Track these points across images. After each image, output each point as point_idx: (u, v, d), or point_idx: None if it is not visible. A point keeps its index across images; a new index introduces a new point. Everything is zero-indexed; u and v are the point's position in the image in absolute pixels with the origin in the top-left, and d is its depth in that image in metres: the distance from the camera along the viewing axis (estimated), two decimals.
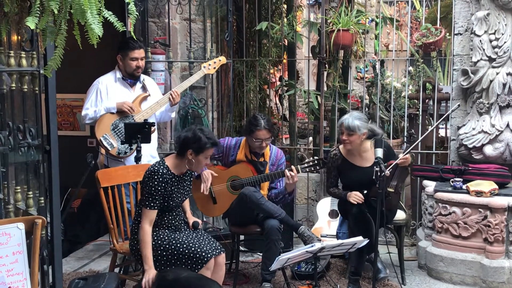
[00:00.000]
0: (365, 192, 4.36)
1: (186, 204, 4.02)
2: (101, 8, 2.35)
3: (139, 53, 4.68)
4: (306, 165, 4.56)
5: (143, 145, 4.36)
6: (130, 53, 4.64)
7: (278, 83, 6.79)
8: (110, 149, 4.53)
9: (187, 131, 3.72)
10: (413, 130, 5.46)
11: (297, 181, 4.54)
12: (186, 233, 3.79)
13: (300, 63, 8.43)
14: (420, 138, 4.81)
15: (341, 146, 4.64)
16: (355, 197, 4.40)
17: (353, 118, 4.40)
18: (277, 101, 6.90)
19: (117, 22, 2.37)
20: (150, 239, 3.59)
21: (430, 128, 5.66)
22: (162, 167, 3.62)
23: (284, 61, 6.61)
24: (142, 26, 5.49)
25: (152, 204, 3.58)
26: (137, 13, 2.47)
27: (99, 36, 2.34)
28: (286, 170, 4.42)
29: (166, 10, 5.57)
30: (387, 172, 4.00)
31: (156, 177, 3.58)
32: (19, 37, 3.19)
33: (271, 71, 6.62)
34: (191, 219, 3.96)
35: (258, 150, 4.56)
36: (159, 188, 3.58)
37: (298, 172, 4.44)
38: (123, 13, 4.74)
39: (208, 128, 3.80)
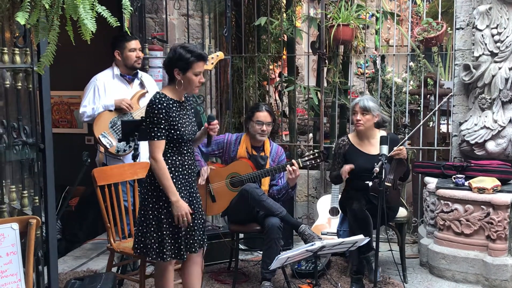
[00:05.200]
0: (368, 183, 4.26)
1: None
2: (94, 3, 2.29)
3: (136, 43, 4.69)
4: (307, 158, 4.50)
5: (143, 143, 4.18)
6: (127, 44, 4.62)
7: (278, 79, 6.73)
8: (109, 147, 4.47)
9: (169, 51, 3.45)
10: (408, 122, 5.47)
11: (299, 175, 4.49)
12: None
13: (299, 58, 8.38)
14: (414, 129, 4.88)
15: (350, 135, 4.66)
16: (345, 169, 4.38)
17: (367, 99, 4.49)
18: (277, 98, 6.84)
19: (110, 17, 2.32)
20: (166, 168, 3.32)
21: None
22: (159, 95, 3.36)
23: (284, 57, 6.55)
24: (140, 22, 5.44)
25: (158, 134, 3.30)
26: (131, 8, 2.42)
27: (92, 32, 2.28)
28: (288, 165, 4.37)
29: (164, 6, 5.53)
30: (376, 168, 3.98)
31: (154, 105, 3.30)
32: (12, 33, 3.13)
33: (271, 67, 6.56)
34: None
35: (258, 136, 4.51)
36: (161, 115, 3.30)
37: (299, 165, 4.38)
38: (120, 8, 4.68)
39: (194, 45, 3.51)
